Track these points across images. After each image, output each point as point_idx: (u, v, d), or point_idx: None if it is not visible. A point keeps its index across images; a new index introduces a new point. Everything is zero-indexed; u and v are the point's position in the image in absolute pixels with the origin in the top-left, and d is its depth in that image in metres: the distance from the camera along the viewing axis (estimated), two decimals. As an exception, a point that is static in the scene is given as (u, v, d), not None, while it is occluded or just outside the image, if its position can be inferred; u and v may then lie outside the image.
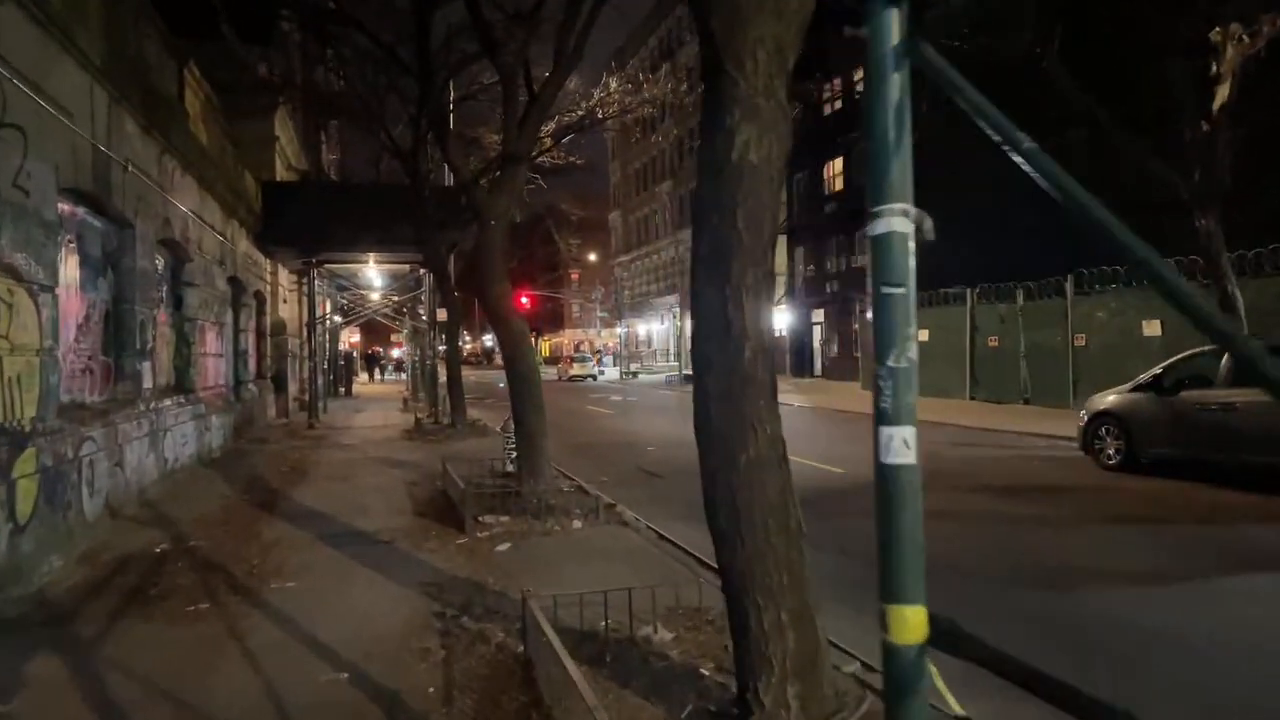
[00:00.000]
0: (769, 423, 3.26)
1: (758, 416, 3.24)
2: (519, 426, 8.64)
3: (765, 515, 3.21)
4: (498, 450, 13.28)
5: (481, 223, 8.55)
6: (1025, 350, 20.34)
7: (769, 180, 3.20)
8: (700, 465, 3.43)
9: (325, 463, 12.69)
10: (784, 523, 3.23)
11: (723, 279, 3.20)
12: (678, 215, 50.35)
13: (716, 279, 3.21)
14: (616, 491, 9.59)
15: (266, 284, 20.01)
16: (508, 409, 9.32)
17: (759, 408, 3.24)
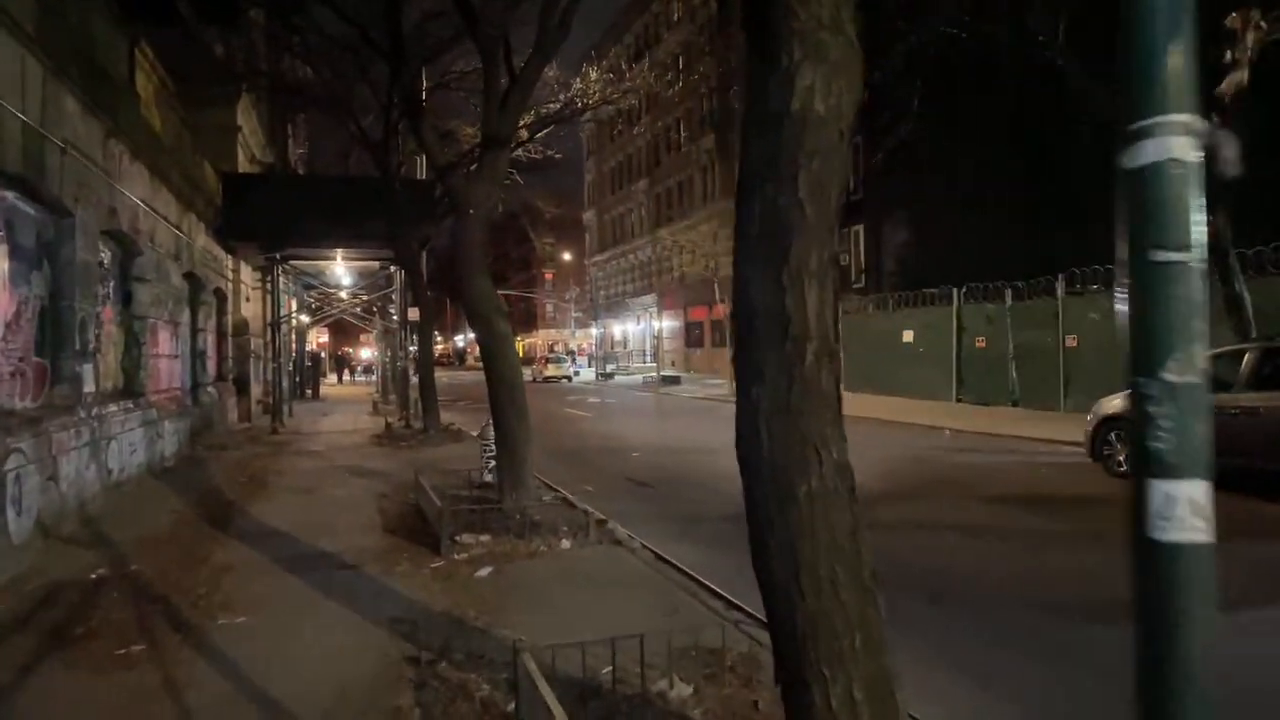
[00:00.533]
0: (835, 445, 2.58)
1: (822, 437, 2.56)
2: (500, 435, 7.91)
3: (833, 562, 2.53)
4: (474, 458, 12.51)
5: (460, 212, 7.81)
6: (1014, 351, 19.91)
7: (838, 137, 2.52)
8: (745, 498, 2.75)
9: (288, 472, 11.84)
10: (856, 572, 2.55)
11: (778, 263, 2.51)
12: (654, 214, 49.68)
13: (770, 263, 2.52)
14: (604, 504, 8.88)
15: (228, 281, 19.04)
16: (483, 412, 8.60)
17: (823, 426, 2.56)
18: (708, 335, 43.23)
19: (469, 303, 7.90)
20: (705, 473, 11.78)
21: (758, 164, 2.56)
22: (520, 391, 7.89)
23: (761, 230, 2.54)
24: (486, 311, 7.78)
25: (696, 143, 42.75)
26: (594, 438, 16.47)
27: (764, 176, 2.53)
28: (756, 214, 2.55)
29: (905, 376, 23.54)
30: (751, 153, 2.59)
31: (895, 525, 8.24)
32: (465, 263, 7.82)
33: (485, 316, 7.79)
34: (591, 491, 10.12)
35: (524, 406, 7.90)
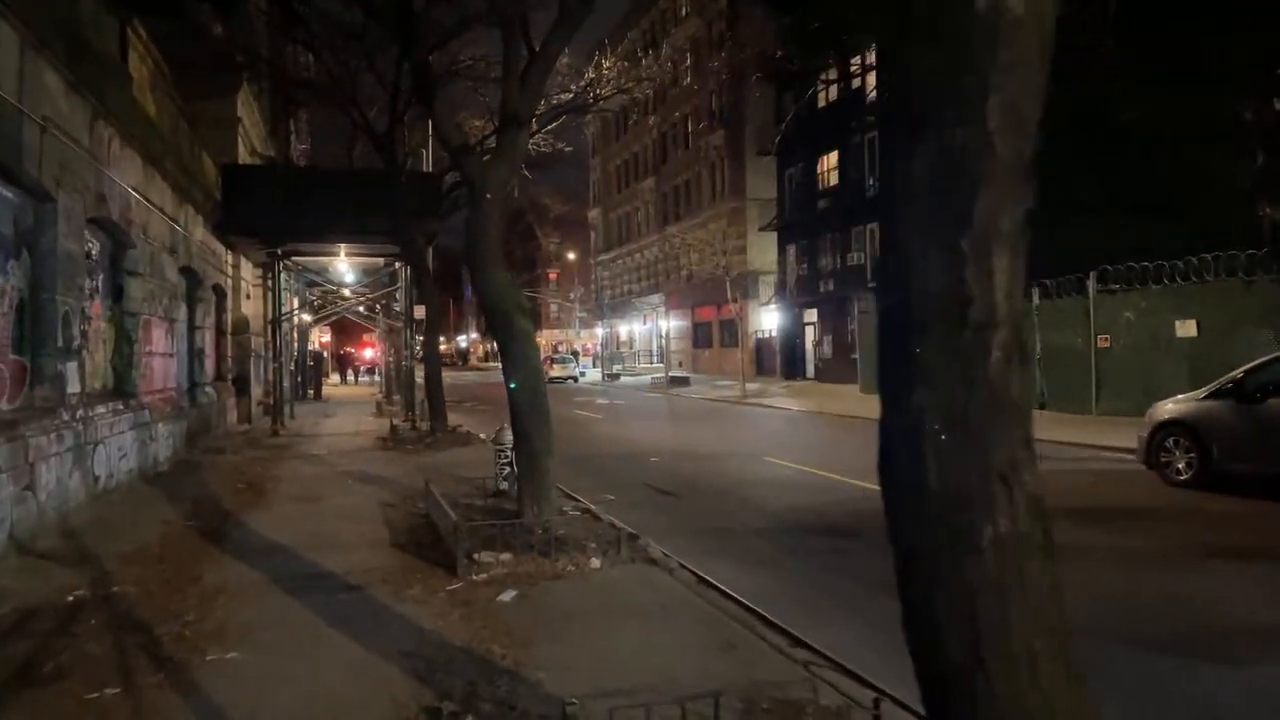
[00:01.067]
0: (1028, 473, 1.90)
1: (1011, 463, 1.88)
2: (520, 443, 7.22)
3: (1030, 634, 1.84)
4: (485, 463, 11.85)
5: (475, 197, 7.12)
6: (1041, 352, 19.18)
7: (1038, 48, 1.84)
8: (892, 540, 2.06)
9: (288, 478, 11.16)
10: (1060, 647, 1.87)
11: (956, 225, 1.83)
12: (661, 212, 48.97)
13: (943, 226, 1.84)
14: (629, 515, 8.20)
15: (227, 277, 18.38)
16: (490, 415, 7.94)
17: (1014, 449, 1.88)
18: (716, 335, 42.54)
19: (486, 298, 7.22)
20: (730, 480, 11.09)
21: (924, 92, 1.87)
22: (543, 396, 7.20)
23: (931, 182, 1.86)
24: (506, 307, 7.10)
25: (705, 139, 42.05)
26: (608, 442, 15.78)
27: (934, 107, 1.85)
28: (922, 161, 1.86)
29: (925, 378, 22.80)
30: (913, 77, 1.90)
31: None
32: (481, 254, 7.14)
33: (505, 312, 7.10)
34: (613, 501, 9.45)
35: (546, 412, 7.22)
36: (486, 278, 7.15)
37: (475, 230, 7.12)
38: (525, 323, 7.21)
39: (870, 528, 8.37)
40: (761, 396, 27.28)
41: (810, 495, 9.84)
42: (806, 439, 16.06)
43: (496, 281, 7.16)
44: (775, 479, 11.18)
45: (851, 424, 18.68)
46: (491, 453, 13.21)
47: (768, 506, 9.20)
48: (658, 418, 21.76)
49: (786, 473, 11.69)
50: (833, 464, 12.11)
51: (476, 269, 7.21)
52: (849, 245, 29.98)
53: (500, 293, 7.15)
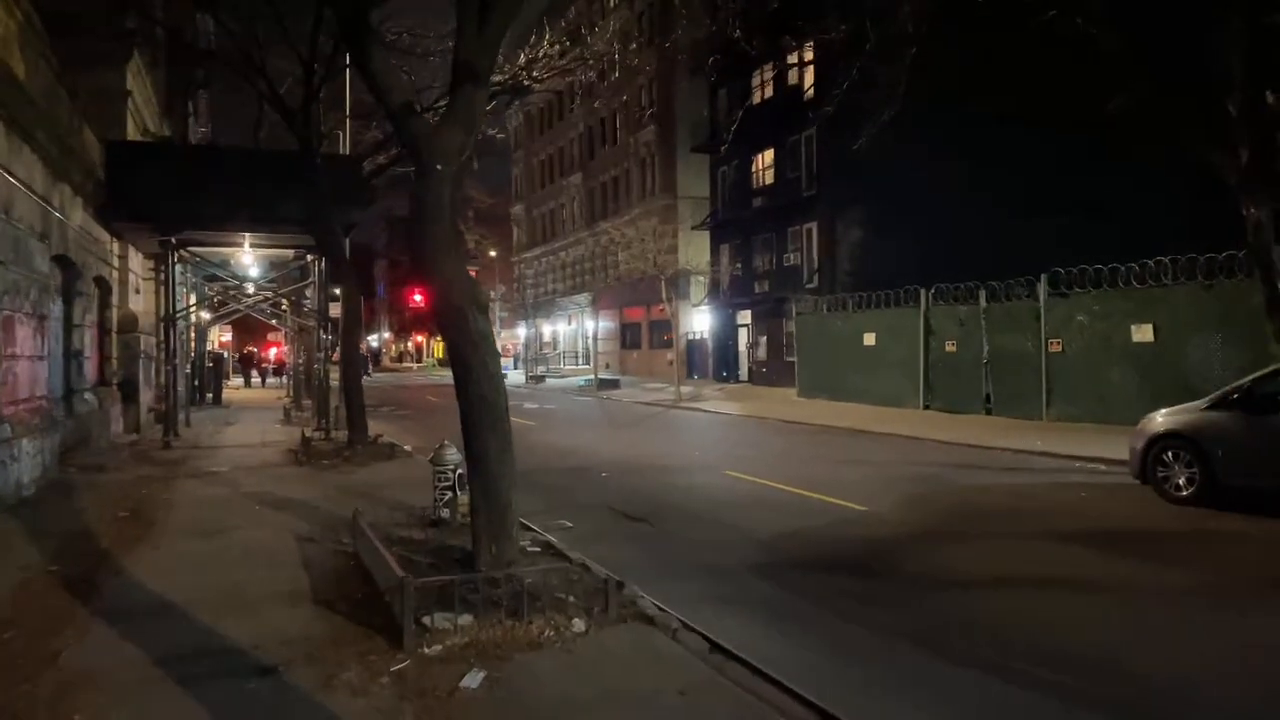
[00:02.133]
0: None
1: None
2: (476, 468, 5.92)
3: None
4: (416, 482, 10.47)
5: (423, 169, 5.78)
6: (989, 356, 18.76)
7: None
8: None
9: (182, 503, 9.50)
10: None
11: None
12: (589, 210, 47.66)
13: None
14: (597, 548, 7.01)
15: (113, 269, 16.29)
16: (411, 420, 6.68)
17: None
18: (645, 336, 41.51)
19: (436, 290, 5.88)
20: (697, 499, 9.96)
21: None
22: (503, 413, 5.93)
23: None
24: (459, 303, 5.78)
25: (635, 135, 40.96)
26: (550, 453, 14.47)
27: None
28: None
29: (866, 382, 22.26)
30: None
31: (972, 579, 6.61)
32: (430, 238, 5.81)
33: (457, 308, 5.78)
34: (571, 529, 8.22)
35: (507, 434, 5.95)
36: (436, 265, 5.82)
37: (423, 210, 5.78)
38: (483, 323, 5.91)
39: (868, 557, 7.40)
40: (697, 400, 26.33)
41: (789, 518, 8.80)
42: (758, 448, 15.09)
43: (447, 270, 5.84)
44: (744, 497, 10.12)
45: (798, 430, 17.85)
46: (423, 470, 11.81)
47: (752, 534, 8.10)
48: (595, 424, 20.51)
49: (753, 489, 10.64)
50: (796, 477, 11.14)
51: (424, 257, 5.87)
52: (785, 245, 29.32)
53: (453, 286, 5.83)
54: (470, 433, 5.92)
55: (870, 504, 9.38)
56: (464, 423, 5.96)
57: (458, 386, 5.97)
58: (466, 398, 5.90)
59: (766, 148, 29.85)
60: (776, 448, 15.16)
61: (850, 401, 22.46)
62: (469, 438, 5.94)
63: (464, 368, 5.87)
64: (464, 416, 5.95)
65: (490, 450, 5.86)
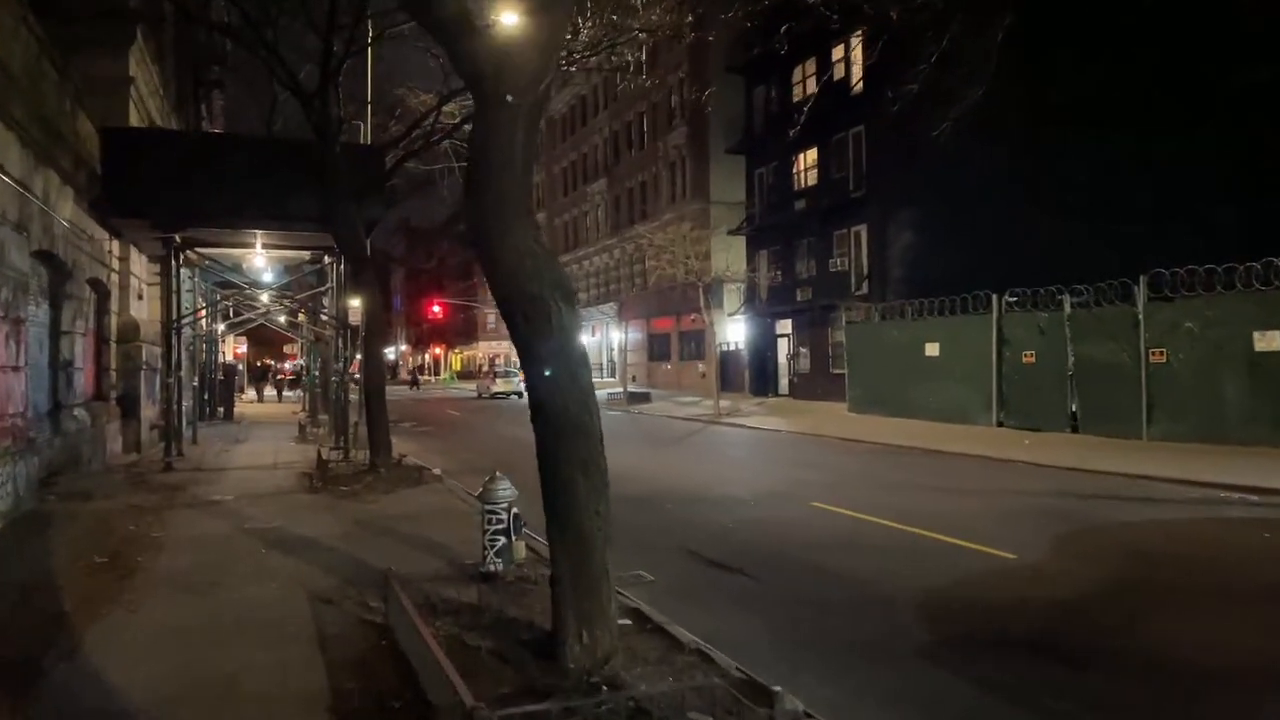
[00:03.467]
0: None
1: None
2: (557, 519, 4.25)
3: None
4: (449, 514, 8.89)
5: (485, 101, 4.15)
6: (1074, 368, 16.94)
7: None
8: None
9: (174, 544, 7.86)
10: None
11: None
12: (614, 217, 46.07)
13: None
14: (691, 614, 5.36)
15: (111, 272, 14.77)
16: (434, 438, 5.14)
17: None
18: (675, 348, 39.79)
19: (501, 269, 4.21)
20: (795, 541, 8.21)
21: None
22: (598, 445, 4.26)
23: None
24: (535, 286, 4.12)
25: (663, 138, 39.39)
26: (595, 476, 12.78)
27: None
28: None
29: (927, 396, 20.45)
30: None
31: (1223, 670, 4.85)
32: (494, 193, 4.16)
33: (533, 296, 4.12)
34: (653, 582, 6.52)
35: (602, 473, 4.28)
36: (506, 241, 4.16)
37: (486, 158, 4.14)
38: (570, 318, 4.23)
39: (1057, 630, 5.33)
40: (737, 415, 24.59)
41: (922, 569, 7.05)
42: (831, 471, 13.33)
43: (520, 245, 4.17)
44: (850, 538, 8.38)
45: (864, 450, 16.08)
46: (457, 499, 10.17)
47: (885, 592, 6.37)
48: (635, 442, 18.80)
49: (855, 527, 8.90)
50: (899, 510, 9.39)
51: (484, 222, 4.21)
52: (830, 250, 27.56)
53: (526, 264, 4.16)
54: (550, 470, 4.24)
55: (1012, 548, 7.62)
56: (541, 456, 4.29)
57: (534, 407, 4.29)
58: (545, 421, 4.23)
59: (809, 147, 28.15)
60: (851, 471, 13.40)
61: (908, 417, 20.66)
62: (547, 476, 4.27)
63: (542, 379, 4.20)
64: (541, 447, 4.28)
65: (579, 495, 4.18)
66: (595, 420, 4.27)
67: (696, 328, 36.99)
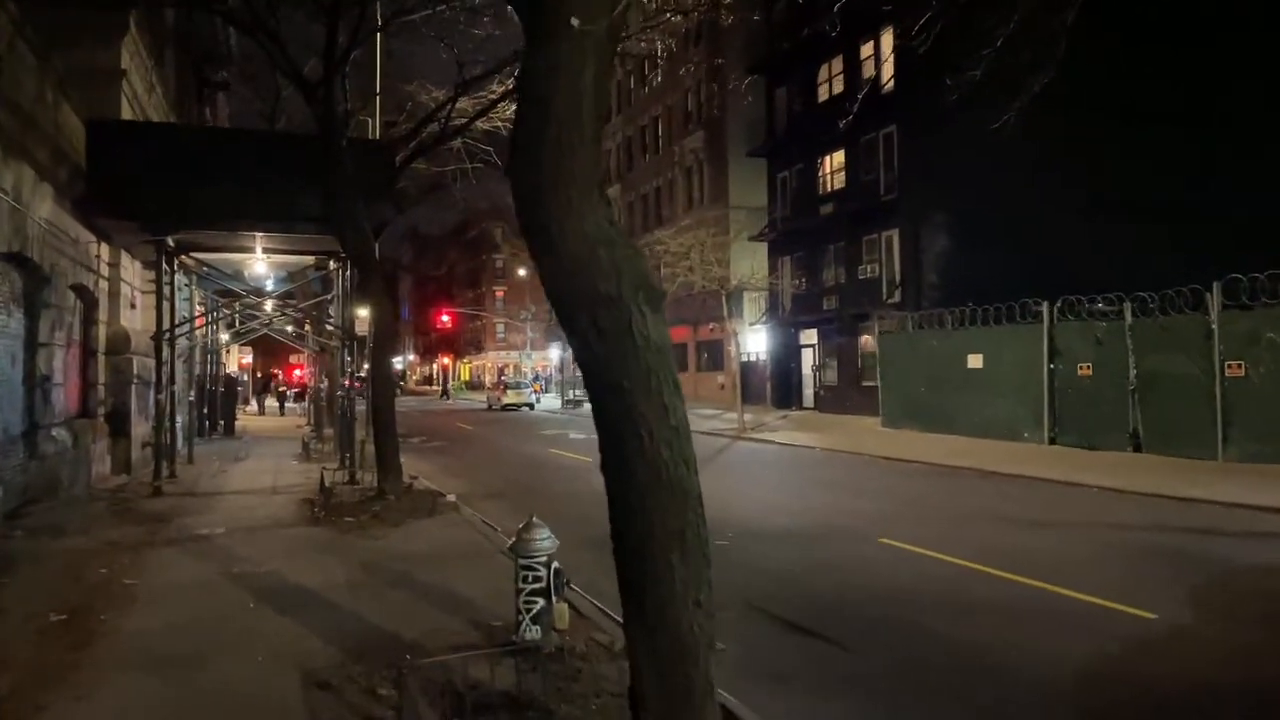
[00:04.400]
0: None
1: None
2: (643, 607, 3.04)
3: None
4: (472, 552, 7.76)
5: (546, 31, 2.99)
6: (1136, 381, 15.67)
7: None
8: None
9: (148, 596, 6.66)
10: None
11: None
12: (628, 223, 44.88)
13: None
14: (784, 705, 4.11)
15: (99, 278, 13.66)
16: (445, 454, 4.45)
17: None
18: (692, 358, 38.57)
19: (562, 267, 3.02)
20: (877, 592, 6.97)
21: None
22: (696, 506, 3.05)
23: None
24: (610, 285, 2.94)
25: (680, 143, 38.26)
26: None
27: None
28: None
29: (970, 411, 19.19)
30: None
31: None
32: (553, 149, 2.98)
33: (607, 299, 2.94)
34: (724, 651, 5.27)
35: (702, 542, 3.07)
36: (569, 224, 2.98)
37: (545, 110, 2.95)
38: (658, 329, 3.03)
39: None
40: (764, 430, 23.34)
41: (1053, 634, 5.82)
42: (888, 498, 12.08)
43: (591, 232, 2.98)
44: (948, 590, 7.13)
45: (911, 471, 14.83)
46: (478, 534, 8.97)
47: (1026, 673, 5.13)
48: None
49: (944, 573, 7.65)
50: (986, 550, 8.16)
51: (542, 203, 3.02)
52: (860, 256, 26.32)
53: (600, 258, 2.97)
54: (631, 543, 3.04)
55: (1144, 603, 6.37)
56: (617, 521, 3.10)
57: (605, 450, 3.08)
58: (623, 473, 3.02)
59: (836, 148, 26.97)
60: (907, 497, 12.15)
61: (947, 433, 19.41)
62: (627, 552, 3.08)
63: (619, 413, 2.99)
64: (617, 509, 3.08)
65: (672, 582, 2.98)
66: (693, 473, 3.07)
67: (714, 337, 35.80)
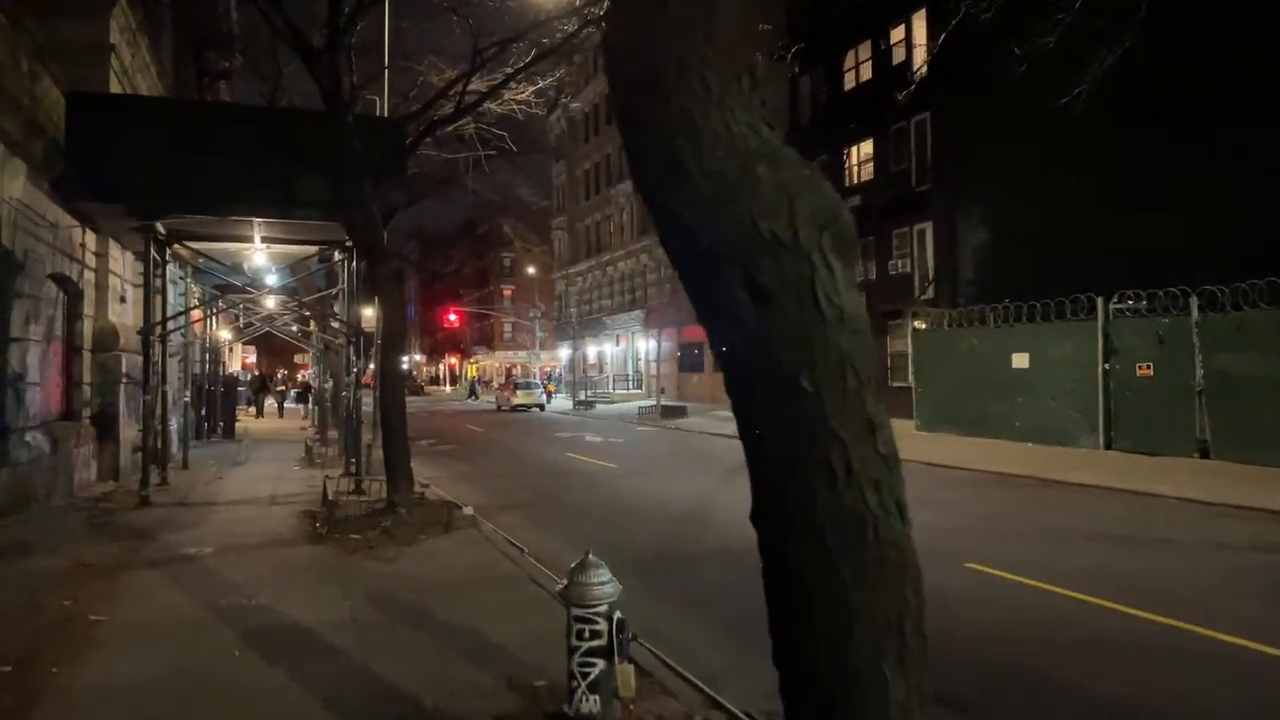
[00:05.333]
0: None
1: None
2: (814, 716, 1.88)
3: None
4: (497, 578, 6.73)
5: None
6: (1204, 383, 14.49)
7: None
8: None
9: (113, 640, 5.53)
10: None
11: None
12: (640, 220, 43.77)
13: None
14: None
15: (85, 269, 12.59)
16: (456, 458, 4.33)
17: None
18: (707, 358, 37.39)
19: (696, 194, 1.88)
20: (989, 629, 5.82)
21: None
22: (915, 580, 1.89)
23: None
24: (780, 226, 1.80)
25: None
26: (667, 520, 10.46)
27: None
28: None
29: (1015, 414, 18.00)
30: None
31: None
32: (678, 26, 1.83)
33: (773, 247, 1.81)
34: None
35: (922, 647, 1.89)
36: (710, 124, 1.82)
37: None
38: (849, 286, 1.90)
39: None
40: (790, 433, 22.17)
41: (1242, 697, 4.67)
42: (949, 513, 10.87)
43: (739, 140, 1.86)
44: (1063, 628, 5.99)
45: (963, 480, 13.66)
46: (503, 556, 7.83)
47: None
48: (691, 467, 16.41)
49: (1059, 607, 6.50)
50: (1104, 578, 7.01)
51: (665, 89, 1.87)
52: (890, 250, 25.15)
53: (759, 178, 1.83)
54: (806, 631, 1.89)
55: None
56: (782, 598, 1.93)
57: (765, 487, 1.93)
58: (796, 525, 1.87)
59: (863, 138, 25.78)
60: (975, 511, 10.96)
61: (989, 437, 18.24)
62: (801, 642, 1.92)
63: (794, 429, 1.84)
64: (783, 580, 1.92)
65: (885, 691, 1.83)
66: (906, 526, 1.92)
67: (731, 336, 34.64)
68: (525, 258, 54.67)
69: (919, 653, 1.87)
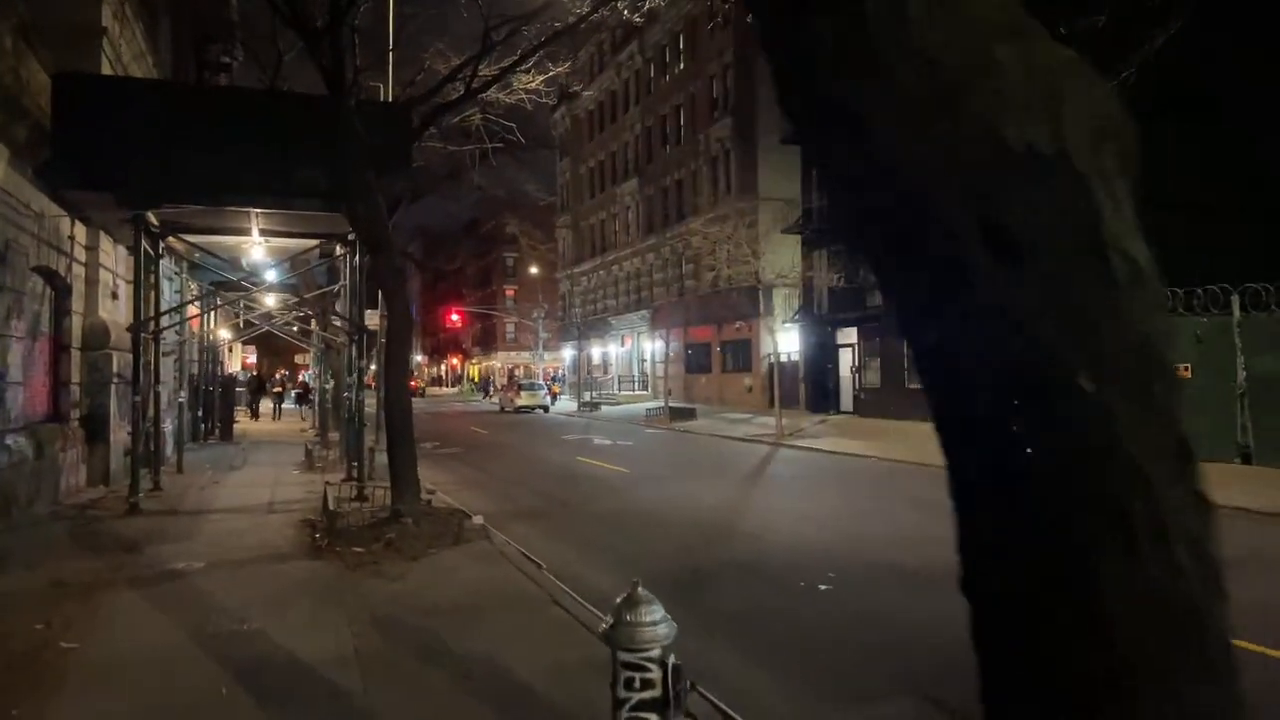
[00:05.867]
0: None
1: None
2: None
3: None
4: (513, 597, 6.13)
5: None
6: (1246, 385, 13.83)
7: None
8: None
9: (83, 677, 4.87)
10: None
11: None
12: (646, 218, 43.11)
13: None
14: None
15: (73, 262, 11.94)
16: (461, 461, 4.20)
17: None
18: (716, 359, 36.70)
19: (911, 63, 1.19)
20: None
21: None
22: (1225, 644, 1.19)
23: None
24: (1033, 135, 1.14)
25: (705, 131, 36.41)
26: (681, 523, 9.80)
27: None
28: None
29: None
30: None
31: None
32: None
33: (1025, 155, 1.14)
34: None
35: None
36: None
37: None
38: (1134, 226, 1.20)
39: None
40: (803, 436, 21.55)
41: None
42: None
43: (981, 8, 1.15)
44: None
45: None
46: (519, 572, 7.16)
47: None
48: (704, 471, 15.74)
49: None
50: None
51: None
52: (907, 249, 24.47)
53: (1006, 61, 1.15)
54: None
55: None
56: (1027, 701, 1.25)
57: (995, 545, 1.26)
58: (1056, 600, 1.19)
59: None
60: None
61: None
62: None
63: (1057, 458, 1.17)
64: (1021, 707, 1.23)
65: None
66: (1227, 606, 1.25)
67: (740, 337, 33.97)
68: (529, 256, 54.01)
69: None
